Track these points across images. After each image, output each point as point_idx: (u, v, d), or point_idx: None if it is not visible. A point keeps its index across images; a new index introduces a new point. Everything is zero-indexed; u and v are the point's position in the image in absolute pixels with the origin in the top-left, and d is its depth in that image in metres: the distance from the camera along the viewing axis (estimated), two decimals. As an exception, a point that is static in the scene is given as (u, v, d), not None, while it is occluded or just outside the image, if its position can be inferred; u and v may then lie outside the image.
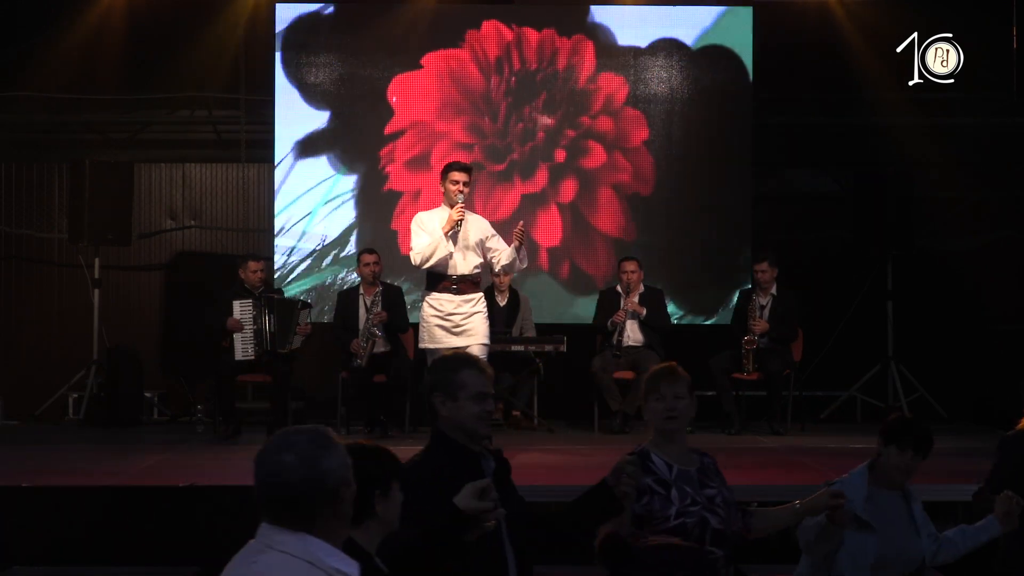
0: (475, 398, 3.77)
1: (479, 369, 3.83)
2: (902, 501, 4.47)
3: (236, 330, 9.59)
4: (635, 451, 4.23)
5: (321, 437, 2.66)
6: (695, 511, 4.10)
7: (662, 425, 4.27)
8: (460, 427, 3.77)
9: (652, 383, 4.29)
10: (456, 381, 3.77)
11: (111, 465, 7.94)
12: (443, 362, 3.91)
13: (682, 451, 4.30)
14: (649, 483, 4.13)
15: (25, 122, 11.34)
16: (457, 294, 8.05)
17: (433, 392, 3.80)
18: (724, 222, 11.00)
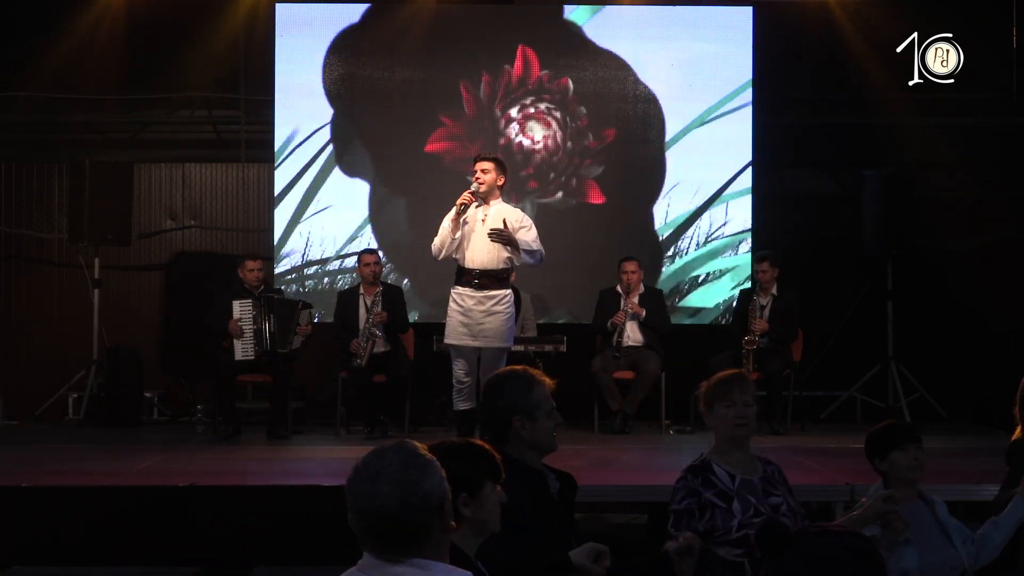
0: (549, 414, 3.81)
1: (543, 384, 3.83)
2: (925, 509, 4.42)
3: (237, 335, 9.60)
4: (697, 461, 4.17)
5: (412, 456, 2.53)
6: (759, 522, 3.99)
7: (732, 432, 4.22)
8: (537, 446, 3.77)
9: (723, 389, 4.24)
10: (532, 401, 3.77)
11: (111, 465, 7.93)
12: (516, 382, 3.83)
13: (746, 459, 4.24)
14: (709, 497, 4.07)
15: (25, 122, 11.33)
16: (478, 290, 7.82)
17: (512, 416, 3.75)
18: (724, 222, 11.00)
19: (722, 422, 4.20)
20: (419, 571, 2.45)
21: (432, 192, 10.43)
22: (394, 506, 2.44)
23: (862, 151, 11.33)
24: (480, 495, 2.98)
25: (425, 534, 2.47)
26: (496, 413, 3.76)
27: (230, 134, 11.56)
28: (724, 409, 4.20)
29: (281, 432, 9.56)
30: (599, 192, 10.98)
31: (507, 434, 3.75)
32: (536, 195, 10.93)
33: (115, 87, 11.18)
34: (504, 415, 3.74)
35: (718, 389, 4.25)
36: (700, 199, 11.00)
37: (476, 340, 7.81)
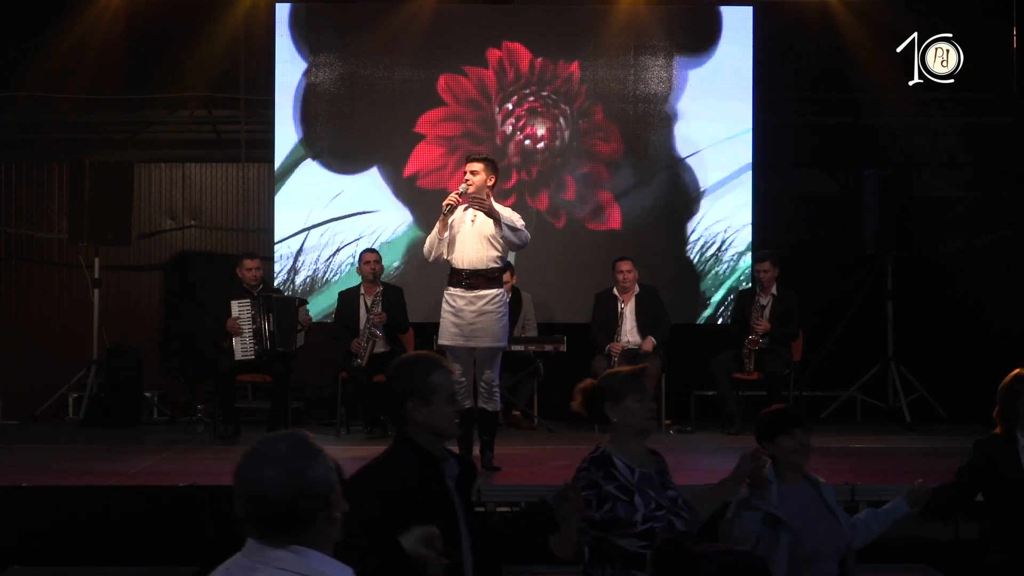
0: (448, 400, 3.73)
1: (447, 370, 3.79)
2: (812, 490, 4.54)
3: (236, 333, 9.60)
4: (595, 452, 4.20)
5: (302, 444, 2.54)
6: (661, 515, 4.09)
7: (643, 425, 4.25)
8: (434, 431, 3.71)
9: (632, 382, 4.24)
10: (429, 385, 3.70)
11: (111, 465, 7.93)
12: (412, 366, 3.79)
13: (643, 452, 4.27)
14: (611, 490, 4.10)
15: (25, 122, 11.33)
16: (468, 289, 7.75)
17: (407, 398, 3.71)
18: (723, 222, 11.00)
19: (632, 415, 4.19)
20: (296, 557, 2.48)
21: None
22: (279, 491, 2.46)
23: (862, 151, 11.33)
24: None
25: (308, 521, 2.48)
26: (392, 395, 3.78)
27: (230, 134, 11.56)
28: (635, 403, 4.20)
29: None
30: (599, 191, 10.98)
31: (403, 416, 3.74)
32: (536, 194, 10.93)
33: (115, 87, 11.18)
34: (399, 397, 3.73)
35: (626, 383, 4.23)
36: (700, 199, 11.00)
37: (469, 341, 7.79)
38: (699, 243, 11.04)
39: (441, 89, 10.91)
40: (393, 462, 3.69)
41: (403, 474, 3.60)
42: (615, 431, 4.24)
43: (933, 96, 11.06)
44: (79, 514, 6.63)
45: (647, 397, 4.25)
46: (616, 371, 4.38)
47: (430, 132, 10.91)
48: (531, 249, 10.42)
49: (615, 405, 4.21)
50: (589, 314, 10.39)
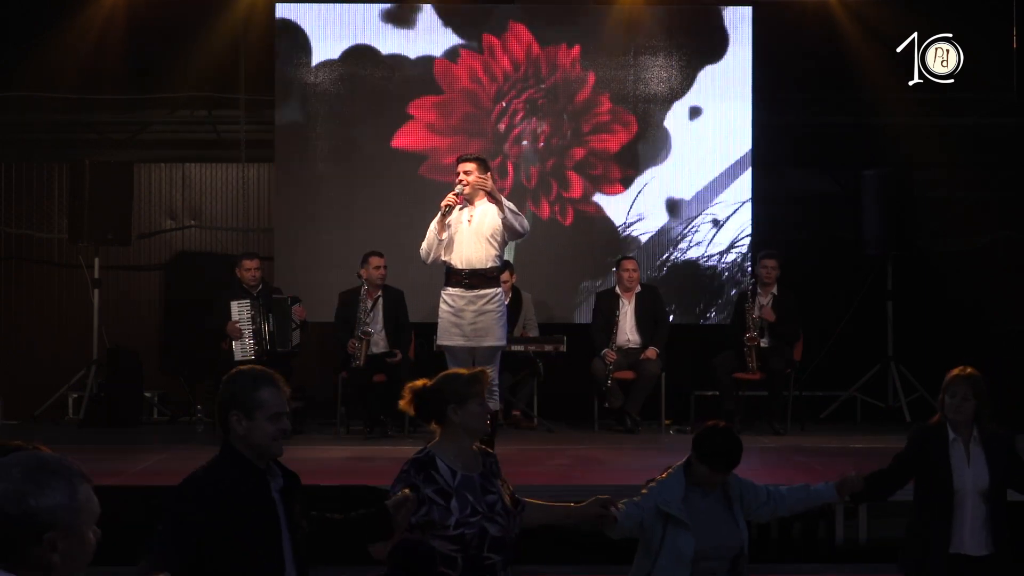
0: (272, 418, 3.64)
1: (277, 387, 3.70)
2: (719, 493, 4.58)
3: (236, 337, 9.60)
4: (420, 454, 4.19)
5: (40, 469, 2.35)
6: (475, 521, 4.08)
7: (483, 428, 4.29)
8: (253, 446, 3.64)
9: (478, 384, 4.22)
10: (254, 399, 3.64)
11: (111, 465, 7.93)
12: (240, 378, 3.74)
13: (472, 454, 4.23)
14: (429, 494, 4.08)
15: (25, 122, 11.33)
16: (468, 289, 7.77)
17: (229, 410, 3.65)
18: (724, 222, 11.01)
19: (474, 418, 4.19)
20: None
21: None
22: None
23: (862, 151, 11.33)
24: None
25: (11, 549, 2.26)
26: (219, 404, 3.75)
27: (230, 134, 11.56)
28: (478, 407, 4.19)
29: (281, 432, 9.55)
30: (599, 191, 10.98)
31: (226, 427, 3.69)
32: (536, 194, 10.93)
33: (115, 87, 11.18)
34: (222, 406, 3.71)
35: (474, 385, 4.21)
36: (699, 199, 11.00)
37: (469, 340, 7.80)
38: (699, 243, 11.03)
39: (439, 86, 10.91)
40: (215, 471, 3.64)
41: (225, 483, 3.57)
42: (449, 432, 4.20)
43: (933, 96, 11.06)
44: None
45: (485, 401, 4.27)
46: (456, 374, 4.36)
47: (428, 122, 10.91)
48: (531, 249, 10.46)
49: (459, 407, 4.17)
50: (589, 314, 10.41)
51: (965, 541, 4.97)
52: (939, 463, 5.02)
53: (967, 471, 5.01)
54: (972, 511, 4.98)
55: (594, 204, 10.97)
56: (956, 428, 5.09)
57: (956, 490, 4.97)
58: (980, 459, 5.06)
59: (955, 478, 4.98)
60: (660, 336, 10.18)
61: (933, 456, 5.04)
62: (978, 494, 5.00)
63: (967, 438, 5.09)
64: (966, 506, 4.98)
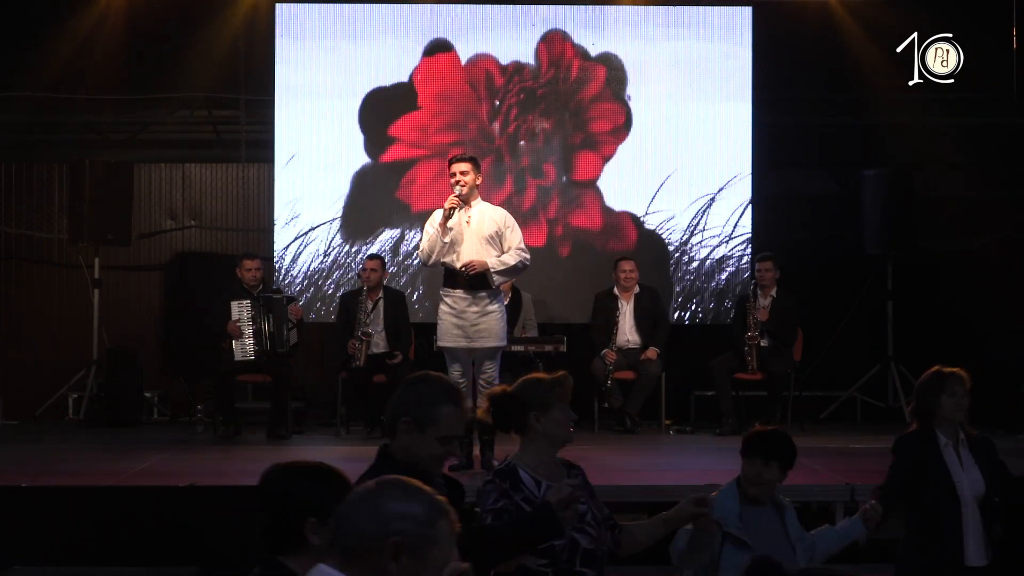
0: (443, 440, 3.49)
1: (460, 408, 3.53)
2: (774, 514, 4.40)
3: (236, 336, 9.61)
4: (502, 465, 4.00)
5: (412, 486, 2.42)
6: (565, 532, 3.80)
7: (567, 436, 4.03)
8: (412, 458, 3.46)
9: (561, 389, 4.01)
10: (431, 415, 3.47)
11: (111, 465, 7.94)
12: (425, 387, 3.57)
13: (556, 464, 4.04)
14: (519, 502, 3.88)
15: (25, 122, 11.33)
16: (470, 290, 7.74)
17: (402, 414, 3.50)
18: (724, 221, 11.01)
19: (557, 426, 3.98)
20: None
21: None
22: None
23: (862, 151, 11.32)
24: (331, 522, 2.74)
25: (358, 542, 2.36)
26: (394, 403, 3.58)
27: (230, 134, 11.55)
28: (560, 413, 3.99)
29: (281, 432, 9.57)
30: (599, 191, 10.98)
31: (392, 429, 3.55)
32: (535, 193, 10.93)
33: (115, 87, 11.17)
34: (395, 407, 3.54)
35: (556, 390, 3.99)
36: (699, 199, 11.00)
37: (472, 341, 7.77)
38: (699, 243, 11.03)
39: (439, 83, 10.91)
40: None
41: None
42: (530, 442, 4.01)
43: (933, 96, 11.05)
44: (79, 514, 6.63)
45: (568, 406, 4.03)
46: (538, 379, 4.09)
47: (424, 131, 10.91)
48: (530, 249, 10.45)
49: (541, 415, 3.97)
50: (589, 314, 10.40)
51: (972, 552, 4.79)
52: (938, 471, 4.82)
53: (964, 477, 4.83)
54: (972, 518, 4.80)
55: (593, 204, 10.96)
56: (946, 432, 4.89)
57: (959, 496, 4.78)
58: (971, 464, 4.88)
59: (956, 484, 4.79)
60: (660, 336, 10.19)
61: (929, 464, 4.84)
62: (975, 500, 4.82)
63: (955, 443, 4.90)
64: (968, 514, 4.80)
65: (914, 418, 4.99)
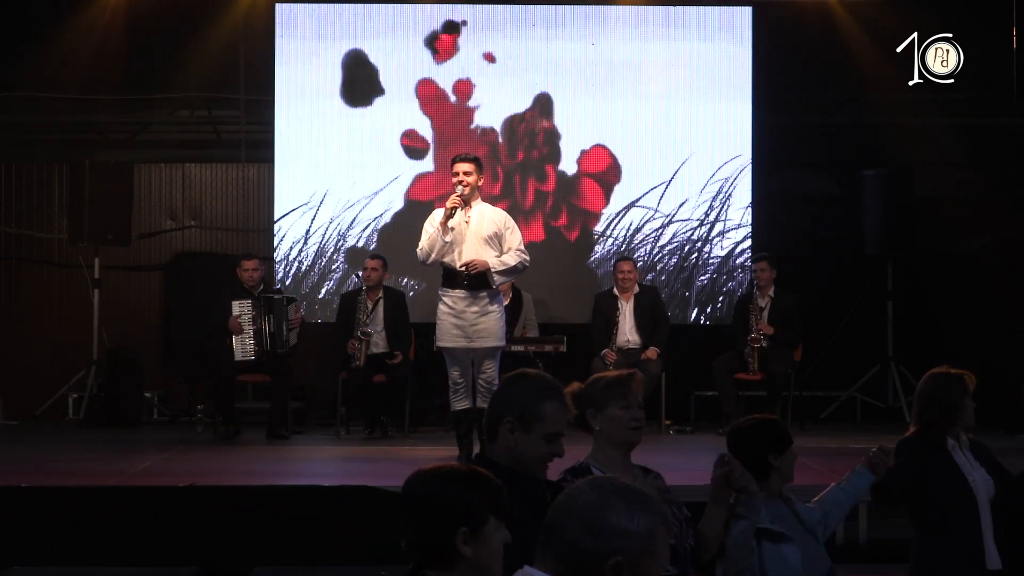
0: (549, 438, 3.37)
1: (565, 405, 3.42)
2: (787, 510, 4.25)
3: (237, 332, 9.61)
4: (575, 466, 3.84)
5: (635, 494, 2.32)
6: (684, 532, 3.78)
7: (626, 436, 3.88)
8: (519, 460, 3.34)
9: (617, 388, 3.87)
10: (537, 412, 3.34)
11: (111, 465, 7.93)
12: (527, 383, 3.44)
13: (628, 467, 3.90)
14: None
15: (25, 122, 11.33)
16: (469, 290, 7.75)
17: (504, 415, 3.35)
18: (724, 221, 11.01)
19: (615, 424, 3.83)
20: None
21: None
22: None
23: (862, 151, 11.32)
24: (483, 531, 2.57)
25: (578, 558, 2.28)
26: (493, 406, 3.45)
27: (230, 134, 11.55)
28: (620, 411, 3.83)
29: (281, 432, 9.57)
30: (598, 191, 10.98)
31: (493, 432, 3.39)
32: (535, 192, 10.93)
33: (115, 87, 11.17)
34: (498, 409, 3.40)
35: (613, 387, 3.84)
36: (699, 199, 11.00)
37: (472, 341, 7.77)
38: (699, 243, 11.03)
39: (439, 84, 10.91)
40: None
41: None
42: (597, 442, 3.89)
43: (933, 96, 11.05)
44: (79, 514, 6.62)
45: (633, 404, 3.87)
46: (601, 376, 3.98)
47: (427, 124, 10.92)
48: (531, 249, 10.45)
49: (597, 413, 3.85)
50: (589, 314, 10.40)
51: (990, 554, 4.68)
52: (952, 474, 4.71)
53: (977, 479, 4.73)
54: (988, 521, 4.70)
55: (593, 204, 10.96)
56: (954, 435, 4.79)
57: (976, 498, 4.68)
58: (979, 465, 4.79)
59: (972, 485, 4.69)
60: (660, 336, 10.18)
61: (941, 468, 4.73)
62: (988, 502, 4.73)
63: (960, 445, 4.81)
64: (985, 516, 4.70)
65: (925, 421, 4.84)
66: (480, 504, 2.57)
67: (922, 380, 4.94)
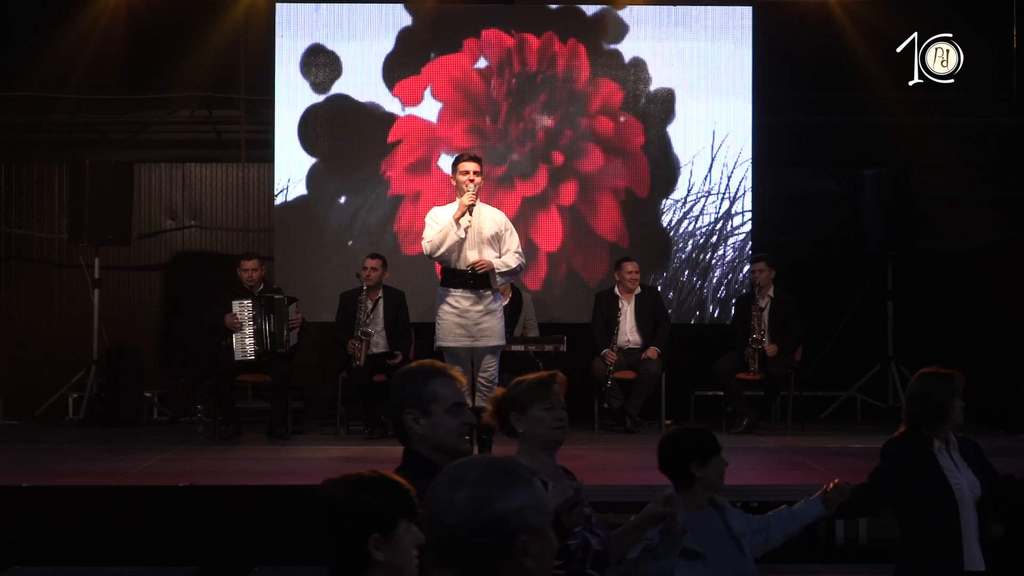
0: (452, 410, 3.45)
1: (451, 377, 3.50)
2: (717, 517, 4.25)
3: (234, 328, 9.61)
4: None
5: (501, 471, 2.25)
6: (578, 532, 3.74)
7: (551, 435, 3.89)
8: (437, 445, 3.42)
9: (539, 390, 3.88)
10: (428, 393, 3.43)
11: (111, 465, 7.93)
12: (410, 375, 3.52)
13: (554, 468, 3.94)
14: None
15: (25, 122, 11.33)
16: (473, 290, 7.75)
17: (403, 409, 3.44)
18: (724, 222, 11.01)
19: (539, 425, 3.86)
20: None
21: (432, 193, 10.45)
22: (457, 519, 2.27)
23: (862, 151, 11.33)
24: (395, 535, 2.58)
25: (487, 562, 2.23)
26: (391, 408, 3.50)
27: (230, 134, 11.56)
28: (543, 412, 3.86)
29: (281, 432, 9.57)
30: (598, 191, 10.97)
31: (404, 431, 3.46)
32: (535, 192, 10.93)
33: (115, 87, 11.18)
34: (395, 408, 3.47)
35: (535, 389, 3.87)
36: (699, 199, 11.00)
37: (476, 341, 7.78)
38: (699, 243, 11.04)
39: (437, 79, 10.91)
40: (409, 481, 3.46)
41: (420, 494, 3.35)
42: (523, 444, 3.92)
43: (933, 96, 11.07)
44: (79, 514, 6.62)
45: (556, 405, 3.89)
46: (523, 378, 3.98)
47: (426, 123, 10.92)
48: (531, 248, 10.46)
49: (521, 415, 3.88)
50: (589, 314, 10.40)
51: (973, 556, 4.66)
52: (935, 475, 4.70)
53: (962, 480, 4.72)
54: (970, 522, 4.68)
55: (593, 204, 10.96)
56: (942, 435, 4.78)
57: (957, 500, 4.67)
58: (965, 466, 4.77)
59: (954, 488, 4.68)
60: (661, 337, 10.19)
61: (925, 469, 4.71)
62: (974, 503, 4.72)
63: (947, 445, 4.79)
64: (968, 517, 4.68)
65: (914, 420, 4.83)
66: (389, 508, 2.58)
67: (912, 379, 4.92)
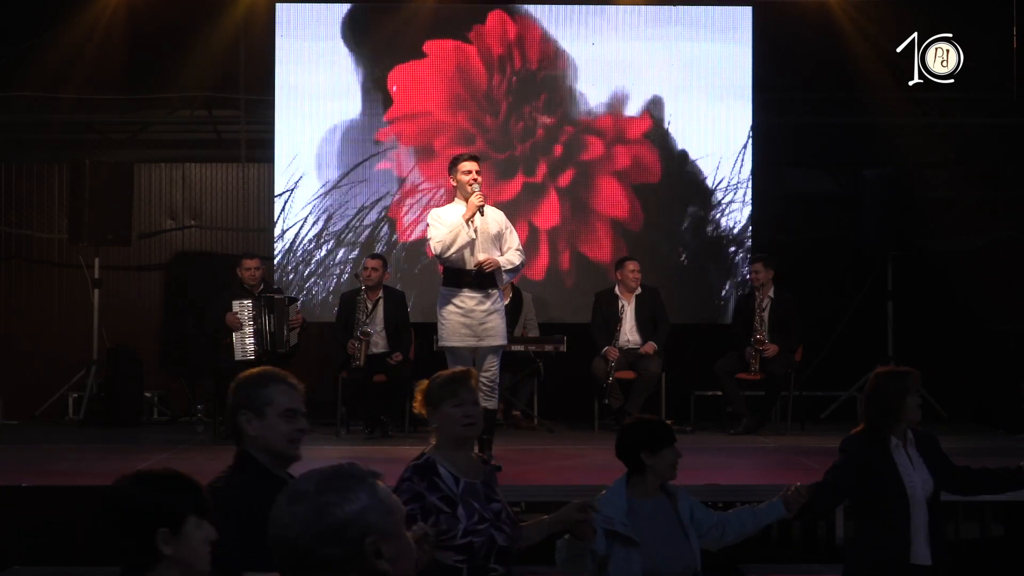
0: (284, 415, 3.50)
1: (289, 385, 3.55)
2: (668, 505, 4.40)
3: (235, 328, 9.60)
4: (419, 460, 4.01)
5: (333, 477, 2.24)
6: (483, 529, 3.92)
7: (460, 432, 4.03)
8: (268, 448, 3.50)
9: (450, 387, 4.04)
10: (263, 397, 3.50)
11: (111, 465, 7.93)
12: (248, 378, 3.58)
13: (469, 460, 4.07)
14: (434, 501, 3.91)
15: (25, 122, 11.34)
16: (478, 289, 7.73)
17: (239, 411, 3.52)
18: (724, 222, 11.01)
19: (449, 422, 4.00)
20: None
21: (432, 181, 10.44)
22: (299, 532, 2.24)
23: (862, 151, 11.33)
24: (183, 531, 2.62)
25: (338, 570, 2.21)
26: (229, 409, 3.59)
27: (230, 134, 11.56)
28: (452, 408, 4.00)
29: (281, 432, 9.56)
30: (598, 191, 10.98)
31: (239, 432, 3.55)
32: (536, 190, 10.93)
33: (115, 87, 11.18)
34: (232, 409, 3.55)
35: (445, 387, 4.03)
36: (699, 199, 11.01)
37: (481, 340, 7.76)
38: (699, 243, 11.04)
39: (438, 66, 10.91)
40: (234, 482, 3.50)
41: (246, 494, 3.37)
42: (437, 438, 4.06)
43: (933, 96, 11.07)
44: (79, 514, 6.63)
45: (467, 402, 4.03)
46: (437, 375, 4.15)
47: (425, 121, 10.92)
48: (531, 248, 10.46)
49: (434, 410, 4.04)
50: (589, 314, 10.40)
51: (920, 551, 4.72)
52: (889, 473, 4.75)
53: (915, 477, 4.77)
54: (921, 519, 4.74)
55: (593, 203, 10.97)
56: (898, 432, 4.80)
57: (909, 497, 4.72)
58: (920, 463, 4.82)
59: (907, 485, 4.73)
60: (660, 336, 10.19)
61: (878, 465, 4.76)
62: (925, 500, 4.77)
63: (904, 442, 4.82)
64: (918, 514, 4.74)
65: (869, 418, 4.87)
66: (177, 504, 2.64)
67: (869, 378, 4.94)
